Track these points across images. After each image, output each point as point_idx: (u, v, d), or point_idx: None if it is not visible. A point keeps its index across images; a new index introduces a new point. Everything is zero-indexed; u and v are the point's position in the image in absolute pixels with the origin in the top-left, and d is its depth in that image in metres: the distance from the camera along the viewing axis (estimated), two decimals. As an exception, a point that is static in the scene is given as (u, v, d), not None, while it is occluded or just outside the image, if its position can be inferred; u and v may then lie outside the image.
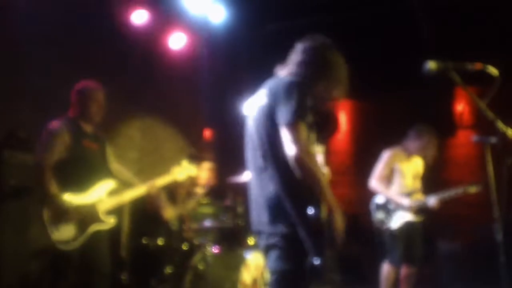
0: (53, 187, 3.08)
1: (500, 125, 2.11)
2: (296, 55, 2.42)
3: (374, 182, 4.43)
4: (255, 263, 4.07)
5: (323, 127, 2.78)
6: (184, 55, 6.19)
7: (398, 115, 7.23)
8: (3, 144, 3.95)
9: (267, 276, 2.32)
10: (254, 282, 4.06)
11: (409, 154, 4.44)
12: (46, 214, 3.04)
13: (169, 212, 4.33)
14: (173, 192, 4.62)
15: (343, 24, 5.90)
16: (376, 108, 7.44)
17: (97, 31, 5.03)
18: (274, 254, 2.22)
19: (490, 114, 2.10)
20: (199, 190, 5.17)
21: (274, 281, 2.21)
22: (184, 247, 4.23)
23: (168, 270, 4.04)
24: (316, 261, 2.06)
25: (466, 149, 6.99)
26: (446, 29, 5.98)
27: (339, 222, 2.15)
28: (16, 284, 3.68)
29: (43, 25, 4.45)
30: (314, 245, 2.08)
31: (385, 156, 4.44)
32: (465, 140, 7.00)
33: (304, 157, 2.07)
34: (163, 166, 5.65)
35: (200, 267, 4.04)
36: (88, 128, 3.38)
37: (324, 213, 2.11)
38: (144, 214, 4.40)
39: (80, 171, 3.23)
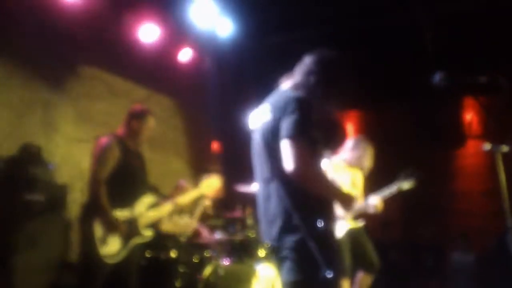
0: (107, 202, 3.13)
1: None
2: (302, 67, 2.43)
3: None
4: (266, 275, 4.05)
5: (330, 139, 2.78)
6: (192, 68, 6.25)
7: (406, 125, 7.22)
8: (16, 159, 4.00)
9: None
10: (265, 294, 4.04)
11: (346, 164, 4.39)
12: (97, 228, 3.08)
13: (166, 225, 4.29)
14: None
15: (351, 35, 5.93)
16: (384, 118, 7.42)
17: (108, 45, 5.11)
18: (286, 266, 2.21)
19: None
20: (207, 202, 5.17)
21: (287, 293, 2.20)
22: (195, 259, 4.23)
23: (179, 282, 4.03)
24: (329, 275, 2.05)
25: (475, 159, 6.94)
26: (452, 39, 6.00)
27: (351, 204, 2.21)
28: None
29: (52, 39, 4.53)
30: (325, 259, 2.07)
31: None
32: (474, 150, 6.96)
33: (303, 171, 2.05)
34: (171, 178, 5.67)
35: (211, 279, 4.03)
36: (132, 145, 3.46)
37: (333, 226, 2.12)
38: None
39: (125, 186, 3.29)
